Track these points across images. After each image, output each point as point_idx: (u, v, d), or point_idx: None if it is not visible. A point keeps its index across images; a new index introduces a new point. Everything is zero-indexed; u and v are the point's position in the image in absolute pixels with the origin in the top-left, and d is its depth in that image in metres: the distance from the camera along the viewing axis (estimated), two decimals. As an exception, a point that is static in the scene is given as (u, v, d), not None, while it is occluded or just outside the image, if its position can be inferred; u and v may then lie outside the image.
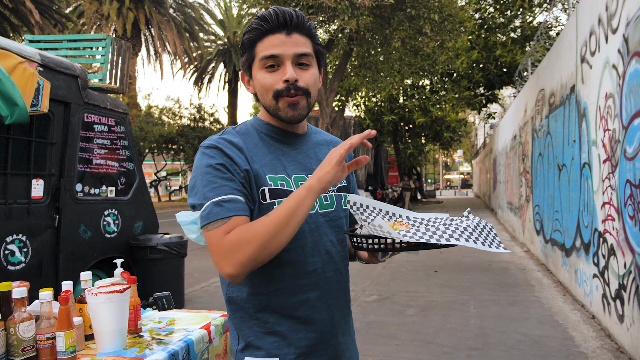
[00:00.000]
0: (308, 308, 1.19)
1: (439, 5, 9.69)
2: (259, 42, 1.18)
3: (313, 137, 1.35)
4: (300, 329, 1.18)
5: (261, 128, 1.26)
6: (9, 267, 3.45)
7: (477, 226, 1.08)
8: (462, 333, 4.33)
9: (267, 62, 1.16)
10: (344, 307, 1.29)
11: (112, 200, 4.51)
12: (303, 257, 1.18)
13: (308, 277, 1.19)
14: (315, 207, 1.23)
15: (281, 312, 1.17)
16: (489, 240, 1.07)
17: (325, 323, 1.21)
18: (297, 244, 1.17)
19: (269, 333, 1.17)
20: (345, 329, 1.29)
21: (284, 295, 1.17)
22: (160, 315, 2.00)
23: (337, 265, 1.26)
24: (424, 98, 19.74)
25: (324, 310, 1.21)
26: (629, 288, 3.71)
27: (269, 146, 1.23)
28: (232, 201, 1.08)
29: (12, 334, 1.42)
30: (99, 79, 4.74)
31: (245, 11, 11.34)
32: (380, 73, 12.29)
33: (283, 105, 1.18)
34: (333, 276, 1.24)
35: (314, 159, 1.29)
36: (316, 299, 1.20)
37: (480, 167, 28.21)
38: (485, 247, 1.02)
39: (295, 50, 1.16)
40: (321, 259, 1.21)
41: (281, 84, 1.16)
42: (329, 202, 1.27)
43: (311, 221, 1.21)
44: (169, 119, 25.73)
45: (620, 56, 3.93)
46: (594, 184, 4.68)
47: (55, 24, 17.07)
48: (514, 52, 16.56)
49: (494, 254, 8.73)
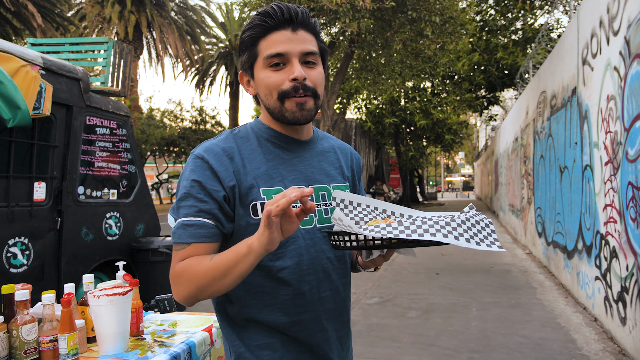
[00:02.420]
0: (301, 329, 1.13)
1: (440, 7, 9.70)
2: (262, 39, 1.10)
3: (319, 145, 1.25)
4: (292, 344, 1.13)
5: (262, 132, 1.17)
6: (11, 269, 3.45)
7: (466, 220, 0.93)
8: (464, 335, 4.32)
9: (272, 61, 1.08)
10: (340, 328, 1.22)
11: (114, 202, 4.51)
12: (298, 275, 1.12)
13: (302, 298, 1.12)
14: (314, 221, 1.15)
15: (273, 328, 1.12)
16: (480, 237, 0.92)
17: (319, 345, 1.16)
18: (293, 261, 1.11)
19: (260, 346, 1.12)
20: (342, 350, 1.23)
21: (276, 313, 1.12)
22: (162, 318, 2.00)
23: (333, 284, 1.18)
24: (425, 100, 19.73)
25: (318, 332, 1.15)
26: (631, 290, 3.70)
27: (268, 153, 1.14)
28: (197, 225, 1.03)
29: (14, 337, 1.42)
30: (101, 82, 4.75)
31: (247, 14, 11.35)
32: (381, 75, 12.30)
33: (290, 106, 1.09)
34: (329, 296, 1.17)
35: (317, 168, 1.20)
36: (310, 320, 1.14)
37: (482, 169, 28.18)
38: (470, 244, 0.89)
39: (302, 48, 1.09)
40: (317, 277, 1.14)
41: (288, 84, 1.08)
42: (329, 215, 1.19)
43: (308, 237, 1.14)
44: (171, 122, 25.75)
45: (622, 58, 3.93)
46: (596, 186, 4.67)
47: (57, 27, 17.11)
48: (515, 54, 16.55)
49: (496, 255, 8.71)
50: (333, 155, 1.27)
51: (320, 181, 1.20)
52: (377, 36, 10.28)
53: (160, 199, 30.18)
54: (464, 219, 0.93)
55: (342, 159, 1.30)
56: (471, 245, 0.89)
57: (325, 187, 1.20)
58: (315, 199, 1.17)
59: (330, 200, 1.19)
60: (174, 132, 24.79)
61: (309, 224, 1.15)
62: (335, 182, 1.23)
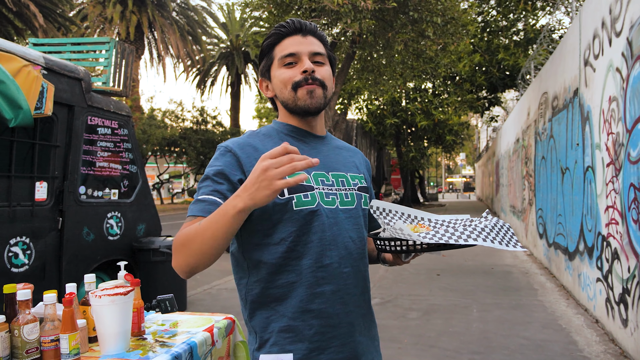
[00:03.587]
0: (322, 302, 1.18)
1: (441, 8, 9.69)
2: (277, 45, 1.27)
3: (332, 142, 1.38)
4: (314, 324, 1.17)
5: (281, 129, 1.30)
6: (12, 269, 3.45)
7: (494, 226, 1.11)
8: (465, 337, 4.31)
9: (286, 60, 1.24)
10: (361, 305, 1.27)
11: (115, 202, 4.52)
12: (320, 249, 1.19)
13: (324, 270, 1.19)
14: (336, 203, 1.24)
15: (296, 306, 1.17)
16: (507, 240, 1.10)
17: (340, 318, 1.20)
18: (316, 236, 1.18)
19: (283, 329, 1.17)
20: (364, 329, 1.27)
21: (300, 288, 1.17)
22: (163, 318, 1.99)
23: (355, 262, 1.25)
24: (427, 101, 19.74)
25: (338, 304, 1.20)
26: (633, 292, 3.70)
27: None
28: (208, 202, 1.11)
29: (16, 336, 1.42)
30: (103, 82, 4.76)
31: (248, 14, 11.36)
32: (382, 76, 12.29)
33: (302, 93, 1.23)
34: (350, 272, 1.23)
35: (334, 159, 1.32)
36: (331, 292, 1.19)
37: (483, 170, 28.16)
38: (502, 246, 1.06)
39: (311, 49, 1.25)
40: (338, 253, 1.21)
41: (299, 76, 1.22)
42: (349, 199, 1.28)
43: (331, 215, 1.21)
44: (172, 122, 25.78)
45: (624, 59, 3.92)
46: (598, 187, 4.66)
47: (59, 28, 17.14)
48: (517, 55, 16.54)
49: (497, 257, 8.71)
50: (346, 153, 1.40)
51: (339, 169, 1.31)
52: (379, 37, 10.27)
53: (162, 199, 30.20)
54: (492, 225, 1.11)
55: (354, 158, 1.42)
56: (502, 247, 1.06)
57: (344, 174, 1.31)
58: (336, 184, 1.27)
59: (367, 206, 1.32)
60: (175, 133, 24.81)
61: (331, 205, 1.23)
62: (352, 172, 1.34)
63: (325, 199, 1.21)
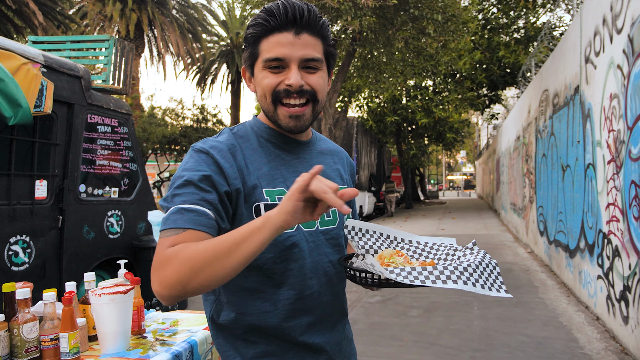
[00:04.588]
0: (299, 334, 1.11)
1: (442, 5, 9.67)
2: (263, 39, 1.07)
3: (317, 146, 1.25)
4: (290, 349, 1.11)
5: (261, 132, 1.15)
6: (12, 267, 3.45)
7: (479, 264, 1.00)
8: (466, 334, 4.31)
9: (271, 64, 1.06)
10: (339, 331, 1.21)
11: (115, 201, 4.51)
12: (301, 279, 1.10)
13: (303, 302, 1.11)
14: (316, 224, 1.14)
15: (271, 334, 1.10)
16: (491, 281, 0.99)
17: (316, 348, 1.13)
18: (296, 265, 1.09)
19: (259, 355, 1.09)
20: (339, 354, 1.22)
21: (275, 319, 1.09)
22: (163, 316, 1.99)
23: (334, 289, 1.18)
24: (427, 99, 19.70)
25: (316, 335, 1.13)
26: (633, 289, 3.69)
27: (269, 154, 1.13)
28: (198, 212, 0.94)
29: (15, 335, 1.42)
30: (102, 79, 4.74)
31: (249, 12, 11.33)
32: (383, 74, 12.28)
33: (283, 114, 1.08)
34: (329, 300, 1.16)
35: None
36: (308, 324, 1.12)
37: (484, 168, 28.15)
38: (485, 290, 0.95)
39: (303, 54, 1.06)
40: (319, 281, 1.13)
41: (282, 86, 1.06)
42: (331, 218, 1.18)
43: (311, 240, 1.12)
44: (172, 120, 25.75)
45: (625, 56, 3.91)
46: (599, 184, 4.65)
47: (58, 25, 17.11)
48: (517, 53, 16.51)
49: (497, 254, 8.71)
50: (330, 158, 1.27)
51: None
52: (379, 34, 10.26)
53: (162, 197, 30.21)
54: (477, 263, 1.00)
55: (339, 162, 1.31)
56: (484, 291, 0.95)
57: None
58: None
59: (343, 228, 1.17)
60: (176, 131, 24.79)
61: (311, 227, 1.13)
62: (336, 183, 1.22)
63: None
